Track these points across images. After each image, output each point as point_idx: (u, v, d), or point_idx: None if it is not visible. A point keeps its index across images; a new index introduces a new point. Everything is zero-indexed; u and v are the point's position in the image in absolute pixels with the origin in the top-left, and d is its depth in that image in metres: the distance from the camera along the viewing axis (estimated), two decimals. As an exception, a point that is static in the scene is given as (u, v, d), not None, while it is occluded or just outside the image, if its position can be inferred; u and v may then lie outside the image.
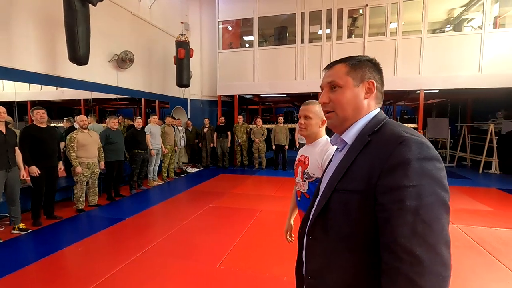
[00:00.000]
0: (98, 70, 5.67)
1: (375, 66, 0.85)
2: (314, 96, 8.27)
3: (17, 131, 3.82)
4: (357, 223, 0.72)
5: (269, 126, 8.69)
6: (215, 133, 8.25)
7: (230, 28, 9.46)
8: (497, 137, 7.53)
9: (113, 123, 5.01)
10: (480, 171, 7.53)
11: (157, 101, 8.10)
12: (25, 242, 3.34)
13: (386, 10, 7.41)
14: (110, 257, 2.92)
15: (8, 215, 3.68)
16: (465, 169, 8.13)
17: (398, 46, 7.36)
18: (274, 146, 7.96)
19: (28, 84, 4.60)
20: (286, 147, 7.90)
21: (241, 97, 9.29)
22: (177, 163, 7.60)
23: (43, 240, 3.41)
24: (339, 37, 7.83)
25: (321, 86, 0.89)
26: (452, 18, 8.82)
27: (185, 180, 6.89)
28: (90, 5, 4.29)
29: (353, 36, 8.57)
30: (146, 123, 6.27)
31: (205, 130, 8.26)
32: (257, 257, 2.91)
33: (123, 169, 5.41)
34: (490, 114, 8.86)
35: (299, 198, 1.69)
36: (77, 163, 4.28)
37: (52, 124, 5.26)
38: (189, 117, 9.08)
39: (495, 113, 8.62)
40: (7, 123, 3.50)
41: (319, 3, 7.81)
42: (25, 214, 3.87)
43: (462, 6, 8.12)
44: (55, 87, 5.29)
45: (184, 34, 7.36)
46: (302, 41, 8.00)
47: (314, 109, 1.61)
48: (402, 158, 0.65)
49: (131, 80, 6.65)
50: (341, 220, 0.75)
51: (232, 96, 9.02)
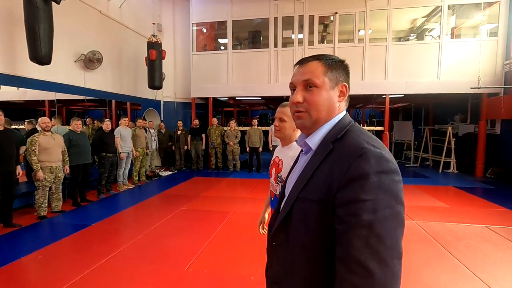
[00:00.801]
0: (63, 70, 5.43)
1: (345, 69, 0.83)
2: (287, 99, 8.39)
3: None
4: (316, 232, 0.72)
5: (243, 128, 8.75)
6: (189, 135, 8.16)
7: (204, 30, 9.43)
8: (454, 139, 8.12)
9: (76, 125, 4.82)
10: (440, 171, 8.07)
11: (128, 103, 7.88)
12: (-22, 253, 3.13)
13: (354, 18, 7.77)
14: (73, 264, 2.81)
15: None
16: (427, 169, 8.68)
17: (366, 52, 7.73)
18: (248, 149, 8.02)
19: (-17, 83, 4.32)
20: (260, 149, 7.98)
21: (216, 100, 9.28)
22: (149, 166, 7.43)
23: (0, 248, 3.21)
24: (311, 42, 8.08)
25: (293, 83, 0.83)
26: (415, 28, 9.42)
27: (158, 184, 6.75)
28: (53, 3, 4.11)
29: (325, 41, 8.88)
30: (117, 125, 6.08)
31: (179, 132, 8.15)
32: (226, 259, 2.94)
33: (90, 173, 5.22)
34: (449, 117, 9.54)
35: (272, 199, 1.72)
36: (39, 168, 4.06)
37: (13, 127, 4.96)
38: (162, 119, 8.91)
39: (453, 116, 9.29)
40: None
41: (291, 9, 8.02)
42: (-22, 223, 3.63)
43: (423, 17, 8.70)
44: (16, 87, 5.00)
45: (156, 35, 7.24)
46: (276, 45, 8.17)
47: (289, 112, 1.60)
48: (360, 171, 0.65)
49: (100, 81, 6.42)
50: (301, 228, 0.75)
51: (206, 99, 8.98)
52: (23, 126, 5.91)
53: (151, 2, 8.57)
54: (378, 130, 9.01)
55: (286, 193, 0.88)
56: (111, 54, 6.78)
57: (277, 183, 1.65)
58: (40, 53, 3.93)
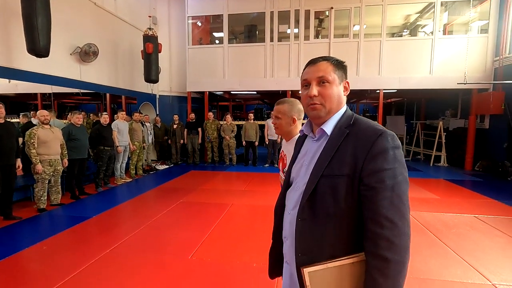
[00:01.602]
0: (59, 63, 5.38)
1: (346, 69, 0.99)
2: (283, 94, 8.53)
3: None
4: (342, 202, 0.85)
5: (239, 122, 8.80)
6: (186, 129, 8.19)
7: (199, 24, 9.38)
8: (445, 133, 8.35)
9: (77, 118, 4.82)
10: (431, 164, 8.30)
11: (123, 97, 7.85)
12: (-20, 244, 3.15)
13: (350, 13, 7.84)
14: (77, 254, 2.87)
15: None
16: (418, 162, 8.91)
17: (361, 48, 7.83)
18: (244, 143, 8.09)
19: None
20: (256, 143, 8.07)
21: (211, 94, 9.29)
22: (145, 160, 7.45)
23: (1, 241, 3.23)
24: (307, 37, 8.14)
25: (307, 80, 0.96)
26: (408, 24, 9.56)
27: (154, 177, 6.79)
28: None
29: (320, 36, 8.94)
30: (112, 119, 6.07)
31: (175, 126, 8.17)
32: (228, 248, 3.04)
33: (87, 167, 5.22)
34: (440, 112, 9.76)
35: None
36: (38, 161, 4.07)
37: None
38: (157, 113, 8.90)
39: (444, 111, 9.52)
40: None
41: (287, 3, 8.05)
42: (-21, 216, 3.64)
43: (417, 13, 8.83)
44: (8, 80, 4.94)
45: (152, 29, 7.20)
46: (271, 39, 8.20)
47: (283, 109, 1.66)
48: (382, 147, 0.82)
49: (96, 74, 6.38)
50: (328, 200, 0.86)
51: (202, 93, 8.99)
52: (16, 120, 5.87)
53: (146, -6, 8.48)
54: (372, 125, 9.14)
55: (297, 177, 0.99)
56: (107, 47, 6.72)
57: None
58: (39, 45, 3.91)
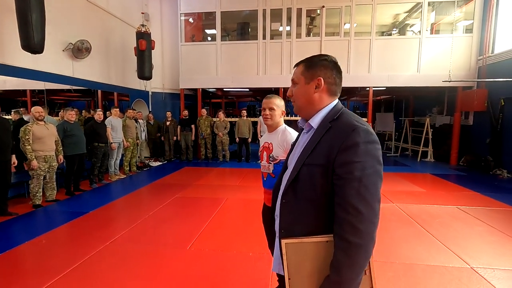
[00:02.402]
0: (52, 59, 5.35)
1: (330, 64, 1.03)
2: (275, 91, 8.63)
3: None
4: (319, 188, 0.95)
5: (233, 119, 8.89)
6: (179, 126, 8.22)
7: (191, 21, 9.38)
8: (432, 130, 8.63)
9: (70, 115, 4.83)
10: (418, 160, 8.59)
11: (115, 93, 7.81)
12: (-22, 240, 3.17)
13: (341, 12, 8.00)
14: (78, 247, 2.93)
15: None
16: (407, 158, 9.19)
17: (351, 46, 8.01)
18: (237, 139, 8.19)
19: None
20: (249, 139, 8.18)
21: (204, 91, 9.32)
22: (139, 157, 7.47)
23: (-1, 236, 3.26)
24: (299, 35, 8.26)
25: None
26: (397, 23, 9.79)
27: (148, 174, 6.83)
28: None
29: (311, 34, 9.08)
30: (104, 116, 6.06)
31: (168, 123, 8.19)
32: (225, 239, 3.15)
33: (84, 163, 5.24)
34: (427, 109, 10.07)
35: (265, 179, 1.97)
36: (33, 157, 4.07)
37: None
38: (150, 110, 8.89)
39: (431, 108, 9.83)
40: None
41: (279, 2, 8.14)
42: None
43: (405, 12, 9.06)
44: (-2, 76, 4.88)
45: (145, 25, 7.19)
46: (264, 37, 8.28)
47: (277, 101, 1.90)
48: (353, 141, 0.89)
49: (88, 70, 6.35)
50: (307, 186, 0.97)
51: (194, 90, 9.02)
52: (8, 117, 5.80)
53: (138, -10, 8.43)
54: (362, 121, 9.36)
55: (291, 163, 1.11)
56: (99, 44, 6.69)
57: (269, 163, 1.92)
58: (33, 41, 3.90)
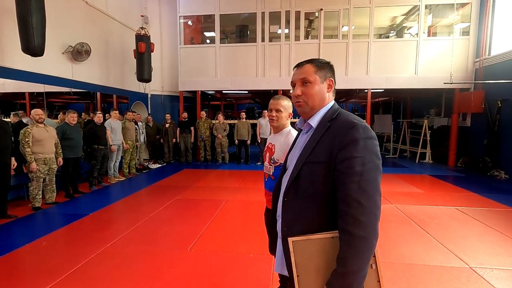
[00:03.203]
0: (51, 62, 5.37)
1: (331, 68, 1.11)
2: (274, 93, 8.68)
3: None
4: (320, 185, 0.98)
5: (232, 121, 8.92)
6: (178, 128, 8.24)
7: (190, 23, 9.43)
8: (430, 131, 8.69)
9: (72, 117, 4.84)
10: (417, 161, 8.63)
11: (114, 96, 7.83)
12: (-22, 242, 3.17)
13: (339, 15, 8.07)
14: (79, 249, 2.94)
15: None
16: (405, 159, 9.24)
17: (349, 48, 8.07)
18: (236, 141, 8.21)
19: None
20: (248, 142, 8.21)
21: (202, 93, 9.36)
22: (138, 159, 7.47)
23: (-1, 239, 3.26)
24: (297, 38, 8.32)
25: (293, 81, 1.11)
26: (395, 25, 9.88)
27: (148, 176, 6.84)
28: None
29: (310, 37, 9.14)
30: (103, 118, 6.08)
31: (167, 125, 8.20)
32: (225, 240, 3.16)
33: (80, 166, 5.24)
34: (425, 111, 10.13)
35: (266, 179, 1.97)
36: (33, 159, 4.08)
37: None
38: (149, 112, 8.91)
39: (429, 110, 9.89)
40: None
41: (278, 4, 8.20)
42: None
43: (403, 15, 9.14)
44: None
45: (145, 28, 7.23)
46: (263, 39, 8.34)
47: (284, 103, 1.86)
48: (353, 137, 0.93)
49: (88, 73, 6.37)
50: (309, 183, 1.00)
51: (194, 92, 9.05)
52: (7, 120, 5.80)
53: (137, -7, 8.48)
54: (360, 123, 9.41)
55: (291, 164, 1.14)
56: (98, 46, 6.72)
57: (271, 165, 1.91)
58: (33, 44, 3.93)
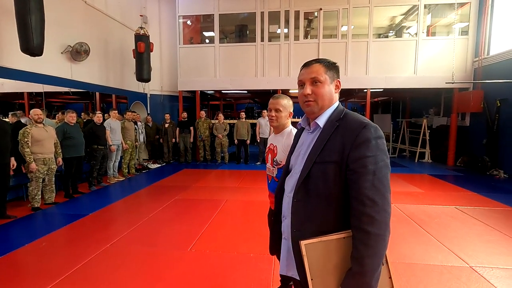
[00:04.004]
0: (50, 62, 5.35)
1: (338, 69, 1.12)
2: (273, 93, 8.65)
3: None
4: (332, 184, 0.98)
5: (231, 121, 8.91)
6: (178, 128, 8.23)
7: (189, 23, 9.41)
8: (429, 131, 8.70)
9: (71, 117, 4.82)
10: (416, 161, 8.65)
11: (113, 96, 7.81)
12: (-23, 243, 3.16)
13: (338, 15, 8.07)
14: (78, 249, 2.93)
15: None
16: (404, 159, 9.25)
17: (348, 48, 8.08)
18: (236, 141, 8.21)
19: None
20: (248, 141, 8.20)
21: (202, 93, 9.35)
22: (137, 159, 7.46)
23: (-2, 239, 3.25)
24: (296, 37, 8.32)
25: (302, 81, 1.11)
26: (394, 25, 9.88)
27: (147, 176, 6.83)
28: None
29: (309, 36, 9.14)
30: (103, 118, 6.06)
31: (166, 125, 8.19)
32: (226, 240, 3.16)
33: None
34: (424, 110, 10.16)
35: (269, 181, 1.93)
36: (32, 160, 4.06)
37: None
38: (149, 112, 8.89)
39: (428, 110, 9.91)
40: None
41: (277, 4, 8.20)
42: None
43: (402, 15, 9.15)
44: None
45: (144, 28, 7.21)
46: (262, 39, 8.33)
47: (283, 102, 1.80)
48: (365, 137, 0.94)
49: (87, 73, 6.36)
50: (320, 183, 1.00)
51: (193, 92, 9.04)
52: (5, 119, 5.78)
53: (136, -7, 8.47)
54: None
55: (295, 164, 1.13)
56: (97, 46, 6.70)
57: (273, 167, 1.86)
58: (32, 44, 3.91)
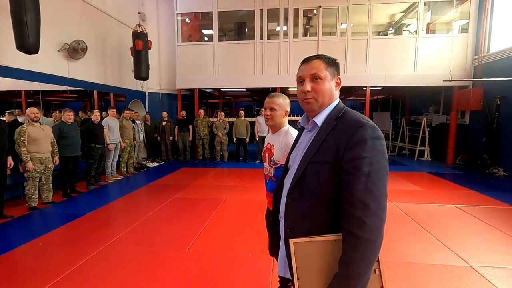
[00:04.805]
0: (47, 60, 5.29)
1: (338, 66, 1.08)
2: (273, 91, 8.61)
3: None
4: (326, 185, 0.95)
5: (231, 119, 8.87)
6: (176, 127, 8.18)
7: (188, 21, 9.35)
8: (428, 129, 8.68)
9: (68, 116, 4.78)
10: (415, 159, 8.63)
11: (112, 94, 7.76)
12: (-27, 243, 3.13)
13: (337, 12, 8.01)
14: (76, 249, 2.90)
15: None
16: (403, 157, 9.23)
17: (348, 46, 8.03)
18: (235, 139, 8.17)
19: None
20: (247, 140, 8.17)
21: (200, 91, 9.30)
22: (136, 158, 7.42)
23: (-6, 239, 3.22)
24: (296, 35, 8.26)
25: (301, 77, 1.06)
26: (393, 23, 9.84)
27: (146, 175, 6.79)
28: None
29: (308, 34, 9.09)
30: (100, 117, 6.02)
31: (164, 123, 8.14)
32: (224, 240, 3.13)
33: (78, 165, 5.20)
34: (424, 109, 10.13)
35: (267, 181, 1.90)
36: (28, 159, 4.03)
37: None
38: (147, 110, 8.85)
39: (427, 108, 9.88)
40: None
41: (276, 1, 8.14)
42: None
43: (401, 12, 9.11)
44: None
45: (142, 25, 7.15)
46: (261, 37, 8.28)
47: (279, 101, 1.77)
48: (361, 137, 0.89)
49: (84, 71, 6.30)
50: (314, 183, 0.97)
51: (192, 90, 8.99)
52: (1, 118, 5.73)
53: (134, -10, 8.39)
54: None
55: (293, 163, 1.09)
56: (95, 44, 6.64)
57: (271, 166, 1.83)
58: (28, 42, 3.86)
